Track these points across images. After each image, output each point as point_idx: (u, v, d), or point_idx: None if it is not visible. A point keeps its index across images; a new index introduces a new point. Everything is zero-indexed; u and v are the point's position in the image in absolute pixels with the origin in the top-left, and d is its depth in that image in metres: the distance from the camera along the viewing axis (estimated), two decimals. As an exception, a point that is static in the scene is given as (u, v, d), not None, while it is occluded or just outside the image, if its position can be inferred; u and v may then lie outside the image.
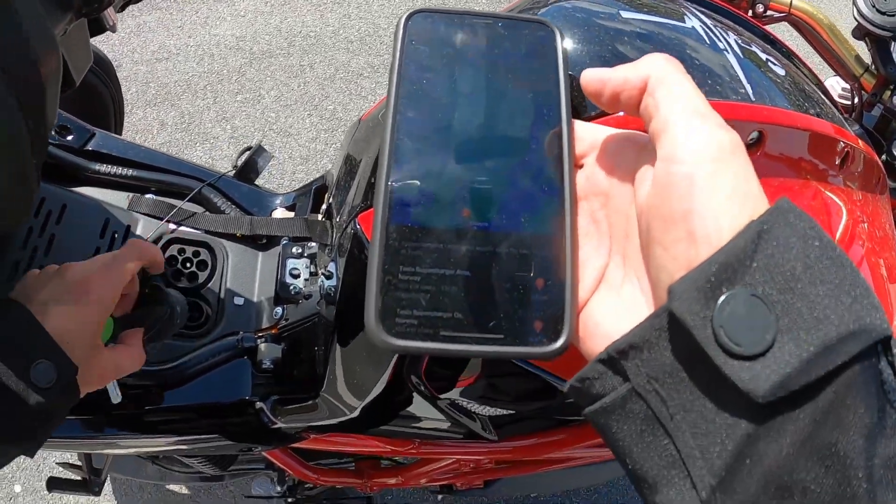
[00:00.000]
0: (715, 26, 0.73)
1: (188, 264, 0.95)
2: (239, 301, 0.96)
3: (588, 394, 0.32)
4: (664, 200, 0.30)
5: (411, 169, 0.34)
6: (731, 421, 0.26)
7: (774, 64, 0.77)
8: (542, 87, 0.37)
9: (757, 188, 0.29)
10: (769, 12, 1.11)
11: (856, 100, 1.14)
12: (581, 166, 0.38)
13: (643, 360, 0.29)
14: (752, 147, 0.63)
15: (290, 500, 1.73)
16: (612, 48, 0.62)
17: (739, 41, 0.74)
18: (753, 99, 0.64)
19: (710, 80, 0.63)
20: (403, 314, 0.32)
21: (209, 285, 0.95)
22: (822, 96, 0.91)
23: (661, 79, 0.32)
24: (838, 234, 0.79)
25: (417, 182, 0.34)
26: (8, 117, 0.45)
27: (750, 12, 1.09)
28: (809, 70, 1.00)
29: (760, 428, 0.26)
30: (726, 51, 0.68)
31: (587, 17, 0.65)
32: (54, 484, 1.61)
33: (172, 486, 2.31)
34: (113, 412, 0.88)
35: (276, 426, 0.94)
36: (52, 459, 2.24)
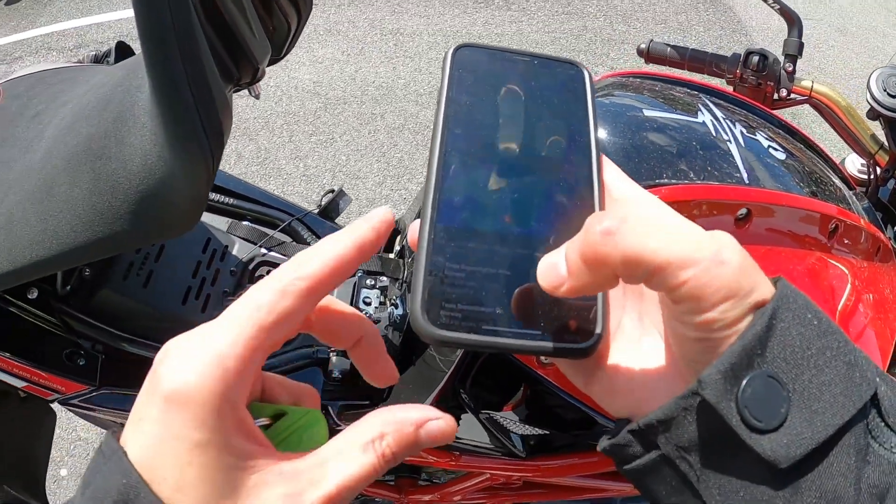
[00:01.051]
0: (725, 118, 0.89)
1: None
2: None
3: (622, 455, 0.34)
4: (682, 333, 0.31)
5: (458, 177, 0.36)
6: (755, 483, 0.29)
7: (776, 149, 0.91)
8: (573, 117, 0.40)
9: (764, 280, 0.30)
10: (792, 95, 1.22)
11: (871, 175, 1.24)
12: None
13: (671, 434, 0.31)
14: (741, 222, 0.78)
15: None
16: (632, 140, 0.79)
17: (745, 131, 0.89)
18: (747, 182, 0.79)
19: (709, 167, 0.79)
20: (447, 307, 0.33)
21: None
22: (829, 175, 1.04)
23: (624, 260, 0.29)
24: (841, 303, 0.91)
25: (463, 189, 0.36)
26: (203, 159, 0.63)
27: (776, 95, 1.22)
28: (820, 151, 1.13)
29: (780, 486, 0.29)
30: (730, 141, 0.84)
31: (619, 111, 0.83)
32: None
33: None
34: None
35: (339, 427, 1.07)
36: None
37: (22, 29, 4.91)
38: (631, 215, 0.30)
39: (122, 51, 1.09)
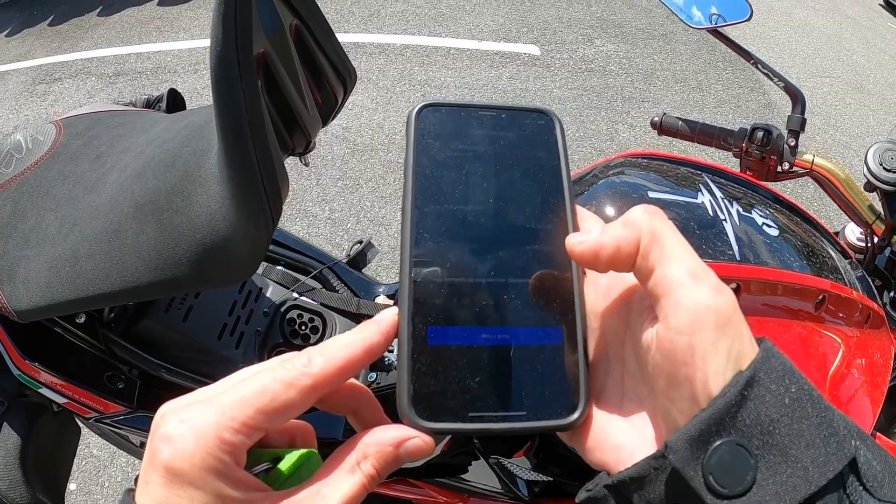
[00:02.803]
0: (723, 197, 0.98)
1: (303, 327, 1.21)
2: (341, 363, 1.20)
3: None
4: (668, 364, 0.31)
5: (431, 263, 0.36)
6: None
7: (770, 226, 1.00)
8: (545, 171, 0.39)
9: (749, 344, 0.31)
10: (794, 169, 1.28)
11: (868, 243, 1.30)
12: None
13: (643, 491, 0.32)
14: (734, 293, 0.86)
15: None
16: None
17: (741, 209, 0.98)
18: (738, 259, 0.88)
19: (703, 245, 0.87)
20: (433, 399, 0.33)
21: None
22: (824, 246, 1.11)
23: (653, 238, 0.33)
24: (832, 369, 0.97)
25: (438, 276, 0.35)
26: (264, 222, 0.72)
27: (779, 168, 1.28)
28: (817, 223, 1.20)
29: None
30: (725, 220, 0.93)
31: (626, 190, 0.93)
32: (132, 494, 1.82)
33: None
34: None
35: None
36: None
37: (64, 51, 5.12)
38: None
39: (174, 97, 1.18)
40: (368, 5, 4.84)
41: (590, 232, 0.35)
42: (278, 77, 0.75)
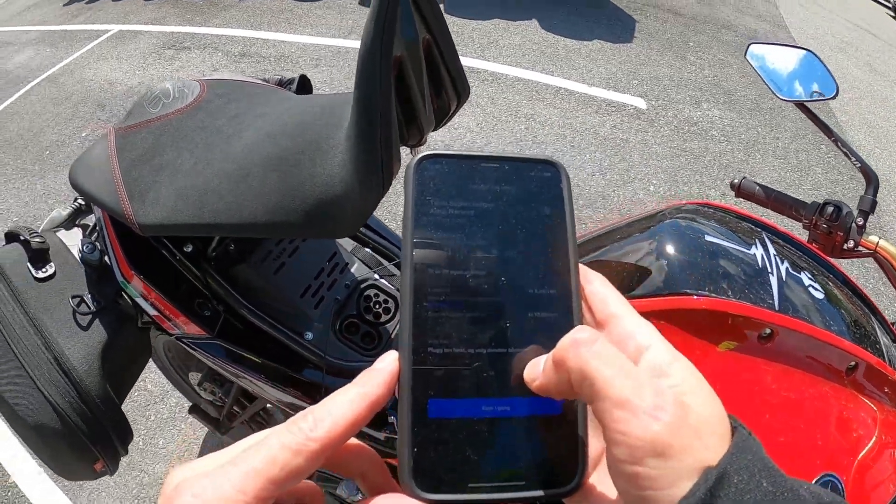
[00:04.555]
0: (776, 254, 1.06)
1: (377, 306, 1.33)
2: (401, 341, 1.30)
3: None
4: (622, 483, 0.31)
5: (430, 333, 0.35)
6: None
7: (816, 289, 1.07)
8: (550, 231, 0.38)
9: (706, 450, 0.30)
10: (859, 248, 1.31)
11: None
12: None
13: None
14: (764, 339, 0.94)
15: None
16: (689, 256, 0.99)
17: (790, 268, 1.06)
18: (777, 309, 0.96)
19: (746, 290, 0.96)
20: (433, 471, 0.33)
21: (387, 325, 1.31)
22: (871, 323, 1.16)
23: (581, 376, 0.32)
24: (862, 454, 0.98)
25: (437, 346, 0.35)
26: (376, 191, 0.85)
27: (844, 245, 1.31)
28: (869, 301, 1.24)
29: None
30: (772, 273, 1.01)
31: (686, 232, 1.03)
32: (196, 411, 1.98)
33: None
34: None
35: (392, 437, 1.22)
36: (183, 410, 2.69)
37: (196, 24, 5.52)
38: (604, 340, 0.32)
39: (303, 83, 1.34)
40: (488, 34, 5.04)
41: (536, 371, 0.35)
42: (407, 78, 0.88)
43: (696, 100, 4.31)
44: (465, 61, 4.64)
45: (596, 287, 0.38)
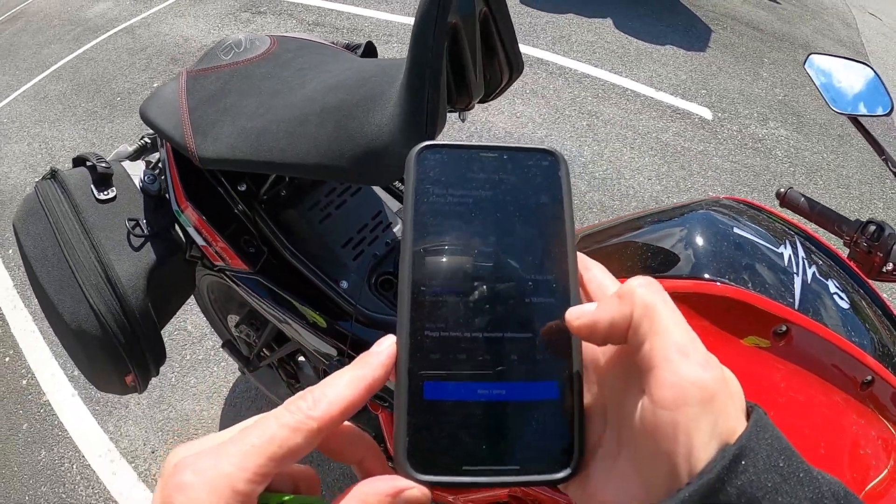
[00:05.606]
0: (804, 258, 1.06)
1: None
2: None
3: None
4: (650, 439, 0.31)
5: (428, 316, 0.35)
6: None
7: (841, 298, 1.06)
8: (548, 220, 0.38)
9: (736, 421, 0.31)
10: None
11: None
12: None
13: None
14: (778, 336, 0.95)
15: None
16: (713, 245, 1.01)
17: (817, 273, 1.06)
18: (797, 308, 0.97)
19: (767, 285, 0.97)
20: (429, 453, 0.34)
21: None
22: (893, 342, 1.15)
23: (644, 312, 0.33)
24: (872, 484, 0.94)
25: (435, 329, 0.35)
26: (419, 142, 0.89)
27: (884, 267, 1.28)
28: None
29: None
30: (797, 274, 1.02)
31: (715, 222, 1.05)
32: (228, 346, 2.08)
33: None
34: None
35: None
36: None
37: None
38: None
39: (369, 48, 1.39)
40: (561, 28, 5.03)
41: (583, 308, 0.36)
42: (461, 44, 0.92)
43: (764, 117, 4.24)
44: (534, 52, 4.67)
45: (594, 273, 0.39)
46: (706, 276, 0.98)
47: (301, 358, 2.07)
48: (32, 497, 2.83)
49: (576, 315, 0.35)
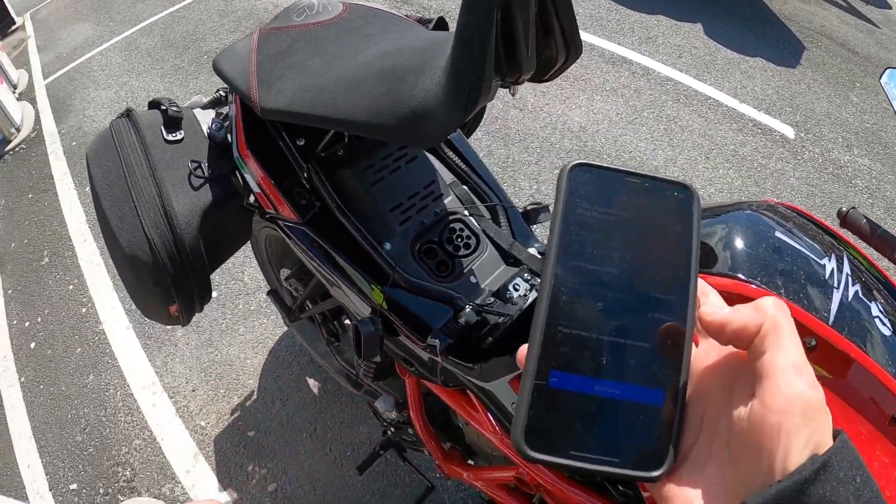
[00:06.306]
0: (849, 275, 1.02)
1: (459, 239, 1.39)
2: (473, 279, 1.36)
3: None
4: (756, 435, 0.35)
5: (563, 315, 0.39)
6: None
7: (883, 323, 1.01)
8: (677, 246, 0.41)
9: (827, 436, 0.35)
10: None
11: None
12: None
13: None
14: (809, 350, 0.90)
15: (388, 428, 1.99)
16: (750, 245, 0.99)
17: (860, 292, 1.02)
18: (830, 323, 0.92)
19: (801, 294, 0.94)
20: (544, 434, 0.38)
21: (463, 260, 1.37)
22: None
23: (773, 327, 0.37)
24: None
25: (567, 326, 0.39)
26: (460, 113, 0.91)
27: None
28: None
29: None
30: (837, 289, 0.98)
31: (758, 223, 1.03)
32: (273, 295, 2.17)
33: (310, 381, 2.82)
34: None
35: (434, 360, 1.31)
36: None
37: None
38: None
39: (441, 23, 1.41)
40: (648, 29, 4.96)
41: (719, 307, 0.41)
42: (513, 16, 0.92)
43: (849, 143, 4.08)
44: (621, 51, 4.62)
45: (710, 299, 0.43)
46: (741, 276, 0.96)
47: (347, 321, 2.12)
48: (74, 416, 2.97)
49: (710, 312, 0.40)
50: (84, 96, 5.48)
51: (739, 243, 1.02)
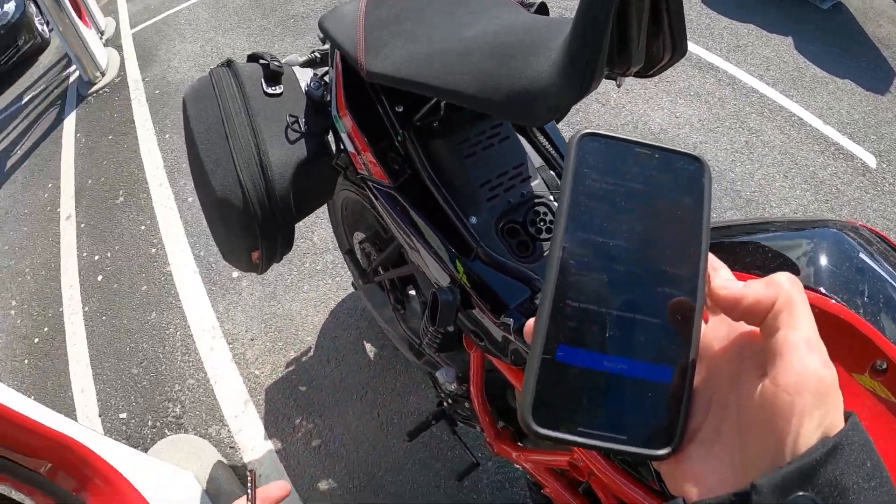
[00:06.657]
0: None
1: (542, 223, 1.41)
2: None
3: None
4: (767, 414, 0.35)
5: (572, 288, 0.38)
6: None
7: None
8: (688, 219, 0.40)
9: (839, 418, 0.35)
10: None
11: None
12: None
13: None
14: (876, 373, 0.89)
15: (445, 400, 2.01)
16: (834, 263, 1.01)
17: None
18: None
19: (879, 317, 0.94)
20: (551, 409, 0.37)
21: (544, 243, 1.38)
22: None
23: (786, 303, 0.37)
24: None
25: (576, 300, 0.38)
26: (572, 96, 0.93)
27: None
28: None
29: None
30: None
31: (839, 242, 1.04)
32: (350, 254, 2.22)
33: (367, 345, 2.87)
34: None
35: (507, 339, 1.31)
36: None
37: None
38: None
39: (542, 7, 1.43)
40: (739, 37, 4.86)
41: (732, 282, 0.40)
42: (629, 9, 0.94)
43: (935, 180, 3.96)
44: (709, 57, 4.56)
45: (720, 273, 0.41)
46: (822, 290, 0.97)
47: (412, 292, 2.16)
48: (133, 349, 3.10)
49: (723, 286, 0.39)
50: (170, 48, 5.64)
51: (824, 259, 1.03)
